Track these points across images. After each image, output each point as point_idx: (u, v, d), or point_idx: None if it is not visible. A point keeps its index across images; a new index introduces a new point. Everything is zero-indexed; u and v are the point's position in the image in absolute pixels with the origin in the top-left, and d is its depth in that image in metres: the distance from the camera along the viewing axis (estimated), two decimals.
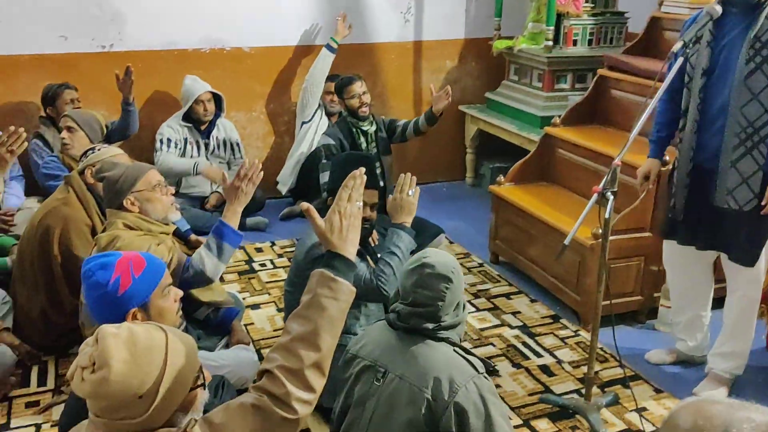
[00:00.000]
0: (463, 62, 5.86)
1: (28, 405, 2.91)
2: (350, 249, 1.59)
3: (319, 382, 1.48)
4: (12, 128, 2.72)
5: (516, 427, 2.80)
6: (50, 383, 3.05)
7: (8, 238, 3.76)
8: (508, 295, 3.97)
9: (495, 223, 4.32)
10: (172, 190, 2.84)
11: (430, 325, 2.00)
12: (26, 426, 2.78)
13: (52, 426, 2.77)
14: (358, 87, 4.29)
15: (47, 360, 3.19)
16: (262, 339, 3.44)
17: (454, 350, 1.99)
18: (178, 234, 3.38)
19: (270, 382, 1.45)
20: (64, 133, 3.89)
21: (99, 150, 3.30)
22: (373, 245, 3.00)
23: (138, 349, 1.39)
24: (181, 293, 2.15)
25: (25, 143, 2.76)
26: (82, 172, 3.25)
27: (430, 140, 5.83)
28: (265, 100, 5.37)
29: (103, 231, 2.74)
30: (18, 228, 4.02)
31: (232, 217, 2.78)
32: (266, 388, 1.44)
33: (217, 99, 4.87)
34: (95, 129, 3.99)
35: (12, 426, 2.79)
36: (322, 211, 1.65)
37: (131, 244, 2.56)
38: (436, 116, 4.38)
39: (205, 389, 1.53)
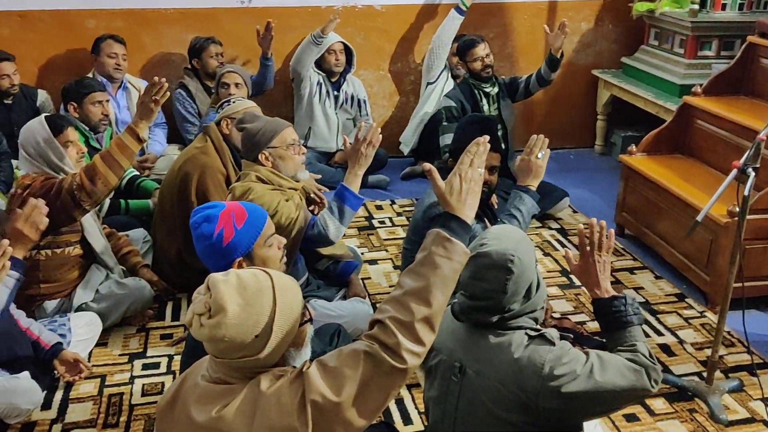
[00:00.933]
0: (600, 24, 5.61)
1: (162, 337, 3.16)
2: (468, 212, 1.60)
3: (428, 337, 1.50)
4: (156, 79, 2.91)
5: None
6: (183, 318, 3.29)
7: (151, 182, 4.04)
8: (631, 270, 3.83)
9: (623, 194, 4.16)
10: (304, 150, 2.93)
11: (495, 318, 1.84)
12: (160, 356, 3.02)
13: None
14: (481, 50, 4.21)
15: (181, 297, 3.44)
16: (378, 294, 3.53)
17: (525, 333, 1.84)
18: None
19: (381, 331, 1.49)
20: (233, 89, 4.09)
21: (234, 102, 3.45)
22: (494, 208, 2.98)
23: (248, 292, 1.48)
24: (284, 241, 2.22)
25: (168, 93, 2.94)
26: (218, 123, 3.42)
27: (559, 104, 5.67)
28: (393, 59, 5.39)
29: (238, 180, 2.89)
30: (159, 173, 4.32)
31: (354, 180, 2.83)
32: (378, 337, 1.49)
33: (347, 54, 4.94)
34: (249, 84, 4.22)
35: (147, 354, 3.04)
36: (442, 172, 1.66)
37: (262, 197, 2.69)
38: (556, 58, 4.22)
39: (311, 324, 1.61)
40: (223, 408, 1.47)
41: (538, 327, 1.88)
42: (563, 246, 4.07)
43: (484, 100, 4.24)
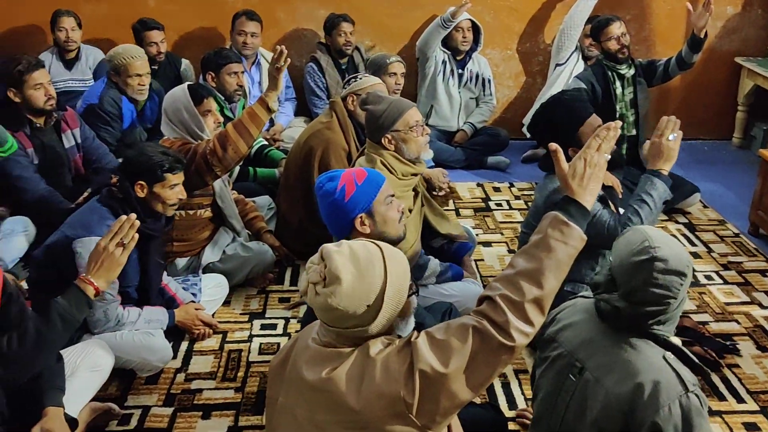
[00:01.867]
0: (747, 9, 5.23)
1: (280, 300, 3.30)
2: (588, 198, 1.58)
3: (538, 319, 1.50)
4: (278, 48, 3.00)
5: (750, 413, 2.60)
6: (300, 285, 3.41)
7: (278, 152, 4.20)
8: (763, 272, 3.60)
9: (760, 191, 3.90)
10: (428, 130, 2.94)
11: (649, 322, 1.76)
12: (277, 318, 3.17)
13: (297, 321, 3.12)
14: (617, 28, 4.04)
15: (300, 263, 3.57)
16: (490, 276, 3.51)
17: (664, 357, 1.73)
18: None
19: (491, 308, 1.50)
20: (399, 78, 4.08)
21: (361, 79, 3.51)
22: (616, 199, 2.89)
23: (361, 263, 1.52)
24: (403, 205, 2.29)
25: (288, 60, 3.02)
26: (345, 99, 3.49)
27: (696, 92, 5.36)
28: (521, 38, 5.28)
29: (360, 156, 2.95)
30: (286, 143, 4.49)
31: None
32: (487, 313, 1.50)
33: (475, 32, 4.89)
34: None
35: (266, 315, 3.19)
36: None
37: None
38: (699, 38, 3.97)
39: (417, 296, 1.65)
40: (333, 370, 1.53)
41: (679, 345, 1.79)
42: (690, 242, 3.88)
43: (618, 83, 4.07)
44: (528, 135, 5.10)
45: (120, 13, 4.86)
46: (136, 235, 2.15)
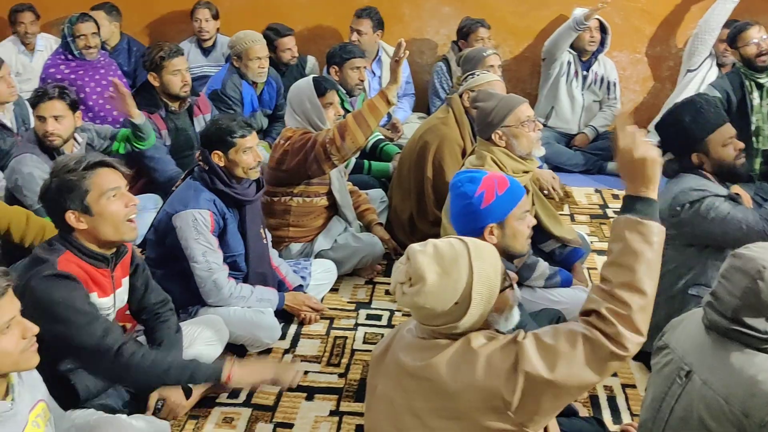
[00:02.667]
0: None
1: (387, 292, 3.35)
2: (647, 187, 1.55)
3: (645, 326, 1.48)
4: (401, 41, 3.03)
5: None
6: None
7: (393, 146, 4.25)
8: None
9: None
10: (540, 126, 2.89)
11: (735, 328, 1.67)
12: (383, 309, 3.22)
13: (402, 315, 3.16)
14: (755, 32, 3.79)
15: None
16: None
17: None
18: None
19: (600, 321, 1.48)
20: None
21: (478, 75, 3.48)
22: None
23: (446, 261, 1.53)
24: (534, 221, 2.27)
25: (407, 52, 3.05)
26: (461, 95, 3.49)
27: None
28: (651, 41, 5.07)
29: (471, 153, 2.94)
30: (401, 139, 4.54)
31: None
32: (596, 325, 1.48)
33: (602, 32, 4.74)
34: None
35: (372, 306, 3.25)
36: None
37: None
38: None
39: (513, 289, 1.64)
40: (431, 358, 1.56)
41: None
42: None
43: (755, 93, 3.83)
44: (653, 142, 4.89)
45: (256, 5, 5.08)
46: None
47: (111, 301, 2.27)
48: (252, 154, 2.79)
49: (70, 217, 2.10)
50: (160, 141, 3.64)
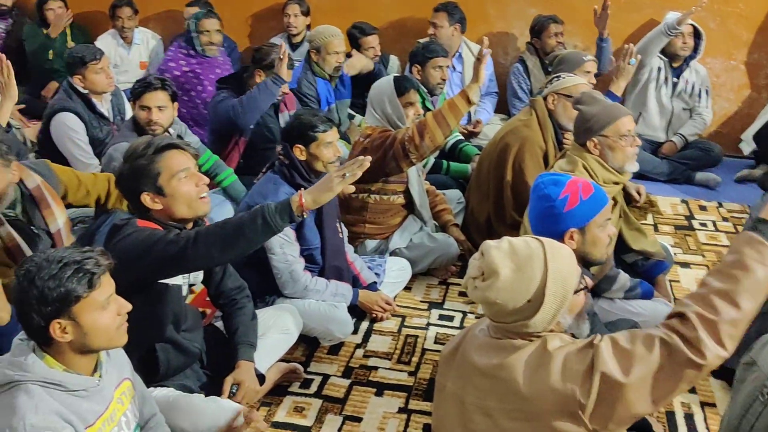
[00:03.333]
0: None
1: (460, 293, 3.34)
2: None
3: (731, 343, 1.43)
4: (484, 38, 3.00)
5: None
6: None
7: (472, 147, 4.23)
8: None
9: None
10: (638, 141, 2.81)
11: None
12: (456, 310, 3.21)
13: (475, 317, 3.15)
14: None
15: None
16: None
17: None
18: None
19: (681, 323, 1.44)
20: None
21: (563, 78, 3.42)
22: None
23: (520, 258, 1.53)
24: (615, 231, 2.24)
25: (490, 50, 3.03)
26: (545, 98, 3.43)
27: None
28: (750, 49, 4.85)
29: (559, 158, 2.89)
30: (481, 140, 4.51)
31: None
32: (676, 328, 1.45)
33: (695, 38, 4.56)
34: None
35: (445, 306, 3.24)
36: None
37: None
38: None
39: (587, 293, 1.62)
40: (506, 358, 1.55)
41: None
42: None
43: None
44: (746, 153, 4.70)
45: (342, 4, 5.15)
46: (358, 174, 2.15)
47: (186, 279, 2.35)
48: (332, 149, 2.83)
49: (146, 198, 2.19)
50: None
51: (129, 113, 3.99)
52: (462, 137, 4.38)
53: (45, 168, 2.76)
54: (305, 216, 2.14)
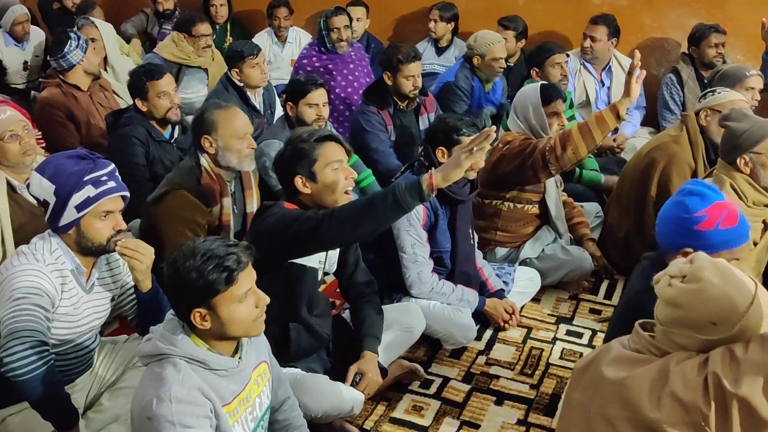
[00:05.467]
0: None
1: (591, 310, 3.24)
2: None
3: None
4: (636, 52, 2.87)
5: None
6: (615, 299, 3.30)
7: (593, 161, 4.06)
8: None
9: None
10: None
11: None
12: (585, 327, 3.12)
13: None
14: None
15: (618, 279, 3.45)
16: None
17: None
18: None
19: None
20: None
21: (719, 93, 3.22)
22: None
23: (730, 280, 1.46)
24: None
25: (644, 73, 2.87)
26: (698, 114, 3.26)
27: None
28: None
29: (707, 176, 2.74)
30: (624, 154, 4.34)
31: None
32: None
33: None
34: None
35: (574, 322, 3.16)
36: None
37: None
38: None
39: None
40: (634, 369, 1.52)
41: None
42: None
43: None
44: None
45: (491, 7, 5.14)
46: (486, 146, 2.12)
47: (321, 264, 2.46)
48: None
49: (298, 181, 2.33)
50: (384, 135, 3.83)
51: (279, 109, 4.19)
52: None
53: None
54: (433, 195, 2.13)
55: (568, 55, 4.28)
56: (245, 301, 1.76)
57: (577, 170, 3.97)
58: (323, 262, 2.46)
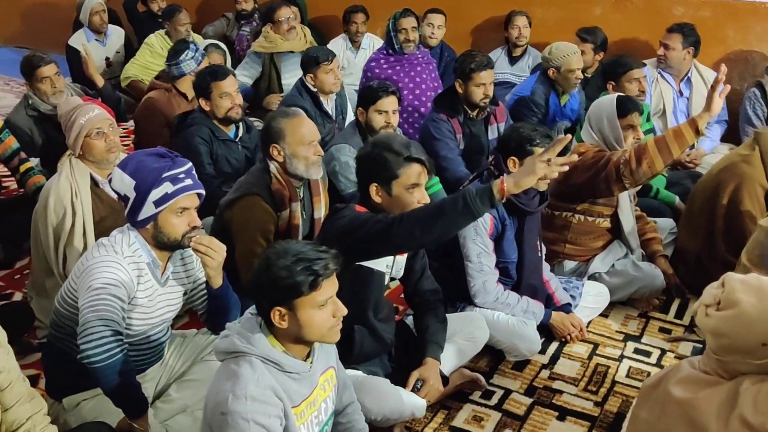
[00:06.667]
0: None
1: (661, 329, 3.15)
2: None
3: None
4: (722, 66, 2.77)
5: None
6: (686, 319, 3.20)
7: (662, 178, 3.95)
8: None
9: None
10: None
11: None
12: (654, 346, 3.03)
13: (675, 357, 2.95)
14: None
15: (690, 298, 3.32)
16: None
17: None
18: None
19: None
20: None
21: None
22: None
23: (766, 294, 1.42)
24: None
25: (729, 86, 2.80)
26: None
27: None
28: None
29: None
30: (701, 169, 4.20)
31: None
32: None
33: None
34: None
35: (642, 340, 3.07)
36: None
37: None
38: None
39: None
40: (701, 391, 1.49)
41: None
42: None
43: None
44: None
45: (567, 17, 5.08)
46: (565, 161, 2.11)
47: (390, 261, 2.47)
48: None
49: (372, 188, 2.35)
50: (453, 143, 3.82)
51: (350, 114, 4.24)
52: None
53: None
54: (503, 201, 2.13)
55: (644, 65, 4.16)
56: (324, 308, 1.80)
57: (653, 186, 3.87)
58: (390, 266, 2.48)
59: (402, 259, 2.55)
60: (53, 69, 3.81)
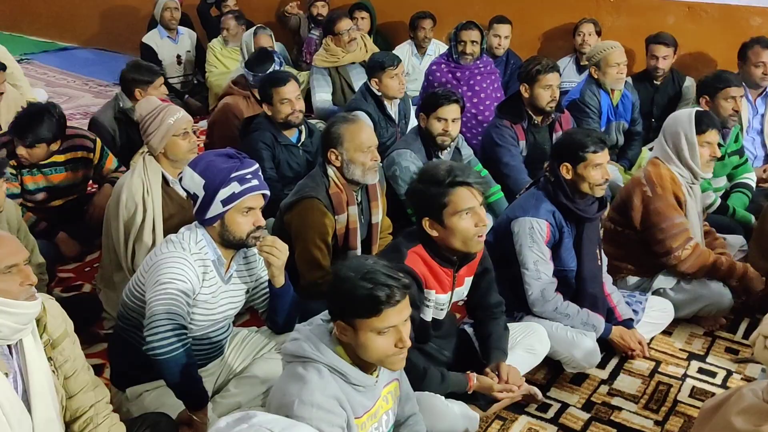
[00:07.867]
0: None
1: (727, 349, 3.04)
2: None
3: None
4: None
5: None
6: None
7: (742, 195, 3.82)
8: None
9: None
10: None
11: None
12: (719, 367, 2.93)
13: (741, 378, 2.86)
14: None
15: (760, 317, 3.17)
16: None
17: None
18: None
19: None
20: None
21: None
22: None
23: None
24: None
25: None
26: None
27: None
28: None
29: None
30: None
31: None
32: None
33: None
34: None
35: (707, 360, 2.97)
36: None
37: None
38: None
39: None
40: (763, 425, 1.44)
41: None
42: None
43: None
44: None
45: (637, 25, 4.98)
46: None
47: (448, 298, 2.47)
48: (601, 171, 2.73)
49: (426, 222, 2.33)
50: (516, 149, 3.79)
51: (413, 120, 4.25)
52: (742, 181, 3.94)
53: None
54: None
55: (741, 83, 3.91)
56: (384, 335, 1.75)
57: (730, 206, 3.74)
58: (448, 302, 2.50)
59: (462, 288, 2.53)
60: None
